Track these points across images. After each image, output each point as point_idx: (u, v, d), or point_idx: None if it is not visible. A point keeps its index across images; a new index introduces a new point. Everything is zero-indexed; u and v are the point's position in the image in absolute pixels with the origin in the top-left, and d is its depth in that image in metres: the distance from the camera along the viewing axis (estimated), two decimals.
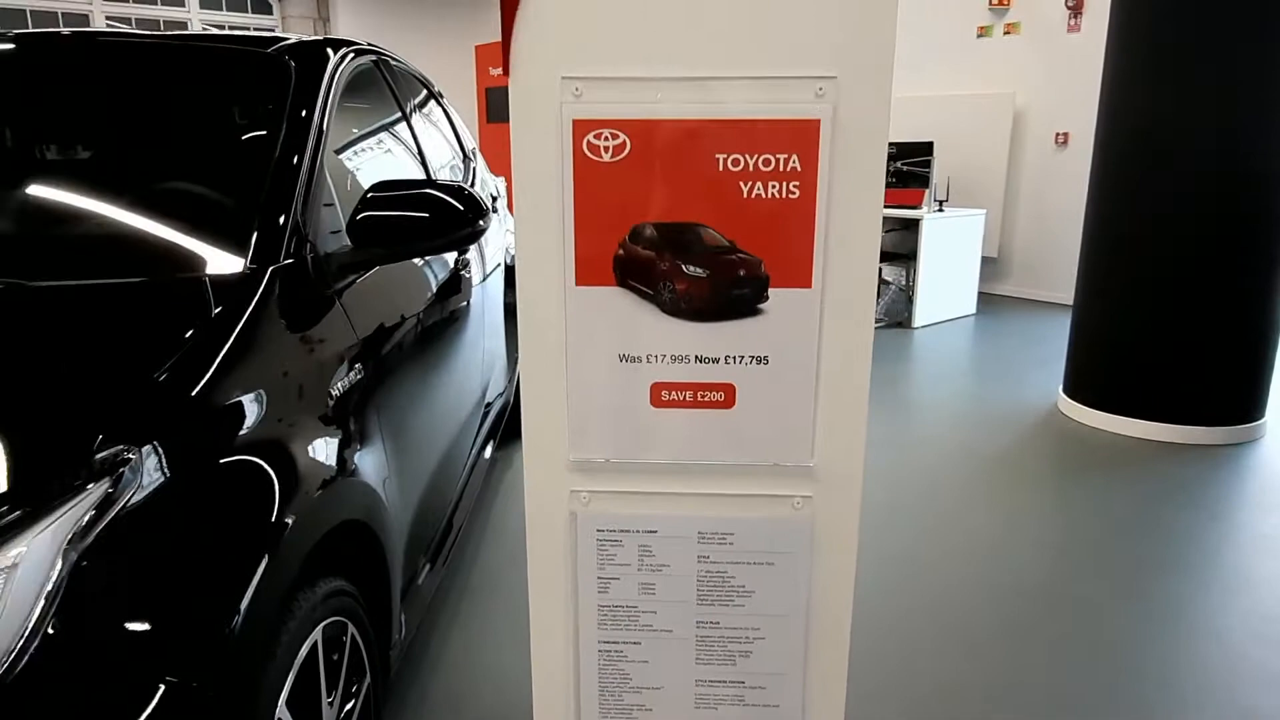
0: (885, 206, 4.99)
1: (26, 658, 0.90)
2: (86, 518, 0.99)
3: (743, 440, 0.85)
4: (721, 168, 0.78)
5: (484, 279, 2.88)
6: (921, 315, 5.78)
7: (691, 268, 0.80)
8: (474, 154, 3.61)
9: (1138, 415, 3.72)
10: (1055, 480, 3.29)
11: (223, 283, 1.45)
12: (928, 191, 5.69)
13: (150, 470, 1.10)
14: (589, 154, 0.78)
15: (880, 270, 6.85)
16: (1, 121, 1.99)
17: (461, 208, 1.89)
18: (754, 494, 0.86)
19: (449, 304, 2.32)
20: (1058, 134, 6.24)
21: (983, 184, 6.60)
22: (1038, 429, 3.88)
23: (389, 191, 1.81)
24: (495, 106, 12.70)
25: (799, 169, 0.78)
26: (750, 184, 0.78)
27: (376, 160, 2.36)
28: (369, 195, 1.79)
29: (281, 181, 1.69)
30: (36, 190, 1.82)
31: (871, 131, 0.77)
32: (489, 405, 2.92)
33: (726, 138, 0.77)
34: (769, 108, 0.76)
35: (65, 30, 2.17)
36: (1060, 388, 4.11)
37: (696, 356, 0.83)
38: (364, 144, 2.32)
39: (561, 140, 0.78)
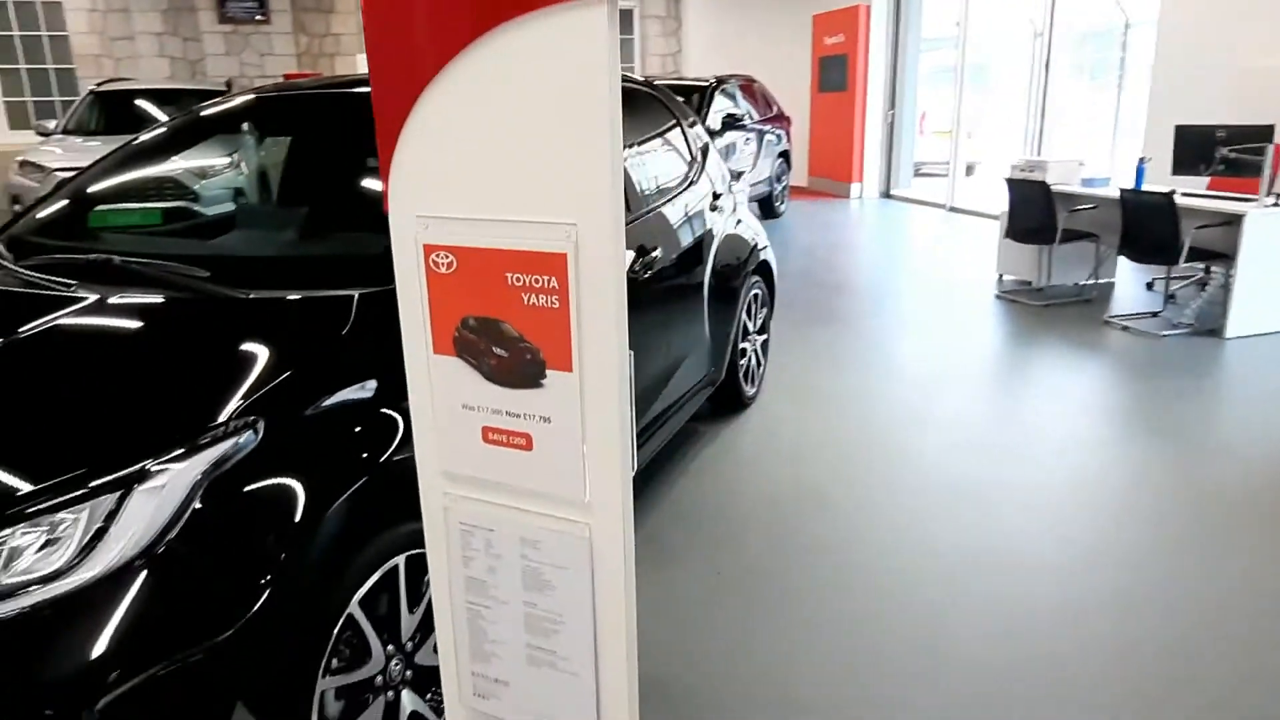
0: (1207, 197, 4.51)
1: (167, 542, 1.49)
2: (219, 458, 1.59)
3: (540, 475, 1.16)
4: (510, 282, 1.09)
5: (669, 279, 3.23)
6: (1239, 324, 5.00)
7: (497, 349, 1.12)
8: (702, 154, 3.92)
9: None
10: None
11: (340, 301, 2.01)
12: (1262, 181, 4.86)
13: (276, 428, 1.68)
14: (433, 267, 1.13)
15: (1207, 267, 5.96)
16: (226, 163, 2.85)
17: None
18: (553, 515, 1.17)
19: None
20: None
21: None
22: None
23: None
24: (827, 76, 12.68)
25: (556, 287, 1.06)
26: (528, 295, 1.08)
27: None
28: None
29: None
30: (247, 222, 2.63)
31: (606, 261, 1.03)
32: (673, 386, 3.28)
33: (511, 262, 1.08)
34: (535, 243, 1.05)
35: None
36: None
37: (506, 411, 1.15)
38: None
39: (418, 256, 1.14)
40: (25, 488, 1.55)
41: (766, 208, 10.21)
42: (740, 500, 3.29)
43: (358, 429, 1.83)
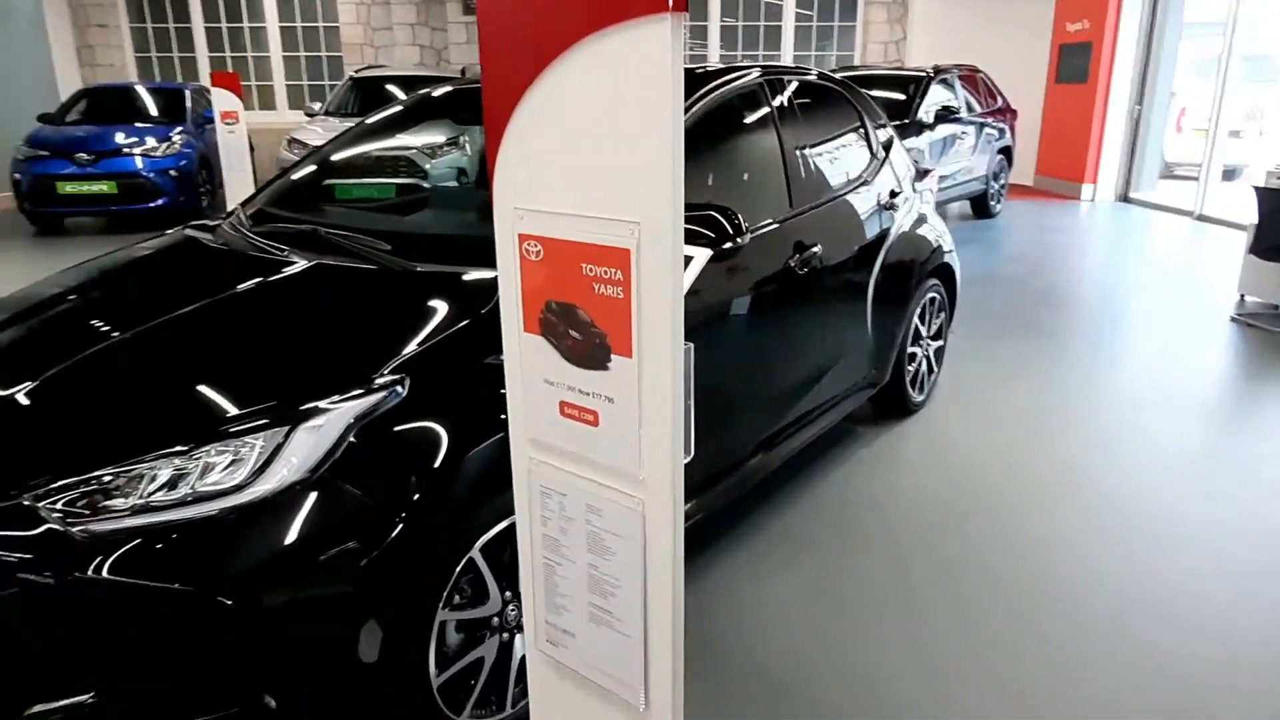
0: None
1: (322, 473, 1.75)
2: (369, 407, 1.84)
3: (604, 449, 1.26)
4: (584, 272, 1.20)
5: (830, 276, 3.22)
6: None
7: (573, 332, 1.24)
8: (885, 150, 3.84)
9: None
10: None
11: (491, 280, 2.23)
12: None
13: (420, 386, 1.92)
14: (525, 254, 1.27)
15: None
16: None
17: (728, 227, 2.39)
18: (613, 487, 1.27)
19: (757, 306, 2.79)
20: None
21: None
22: None
23: None
24: (1066, 65, 11.74)
25: (621, 279, 1.16)
26: (599, 285, 1.19)
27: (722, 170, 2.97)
28: None
29: None
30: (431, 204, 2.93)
31: (665, 258, 1.11)
32: (824, 385, 3.29)
33: (586, 254, 1.19)
34: (604, 238, 1.16)
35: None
36: None
37: (579, 389, 1.27)
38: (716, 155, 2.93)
39: (514, 244, 1.28)
40: (231, 411, 1.88)
41: (980, 207, 9.66)
42: (888, 506, 3.23)
43: (501, 392, 2.03)
